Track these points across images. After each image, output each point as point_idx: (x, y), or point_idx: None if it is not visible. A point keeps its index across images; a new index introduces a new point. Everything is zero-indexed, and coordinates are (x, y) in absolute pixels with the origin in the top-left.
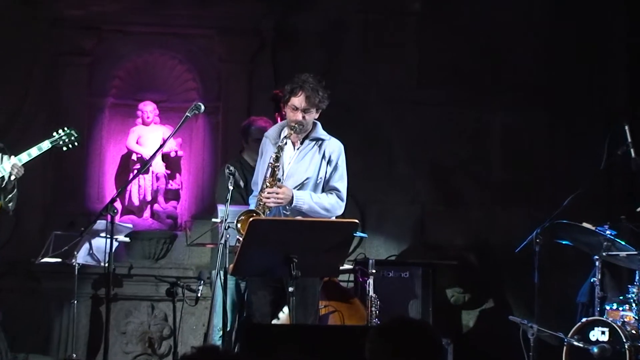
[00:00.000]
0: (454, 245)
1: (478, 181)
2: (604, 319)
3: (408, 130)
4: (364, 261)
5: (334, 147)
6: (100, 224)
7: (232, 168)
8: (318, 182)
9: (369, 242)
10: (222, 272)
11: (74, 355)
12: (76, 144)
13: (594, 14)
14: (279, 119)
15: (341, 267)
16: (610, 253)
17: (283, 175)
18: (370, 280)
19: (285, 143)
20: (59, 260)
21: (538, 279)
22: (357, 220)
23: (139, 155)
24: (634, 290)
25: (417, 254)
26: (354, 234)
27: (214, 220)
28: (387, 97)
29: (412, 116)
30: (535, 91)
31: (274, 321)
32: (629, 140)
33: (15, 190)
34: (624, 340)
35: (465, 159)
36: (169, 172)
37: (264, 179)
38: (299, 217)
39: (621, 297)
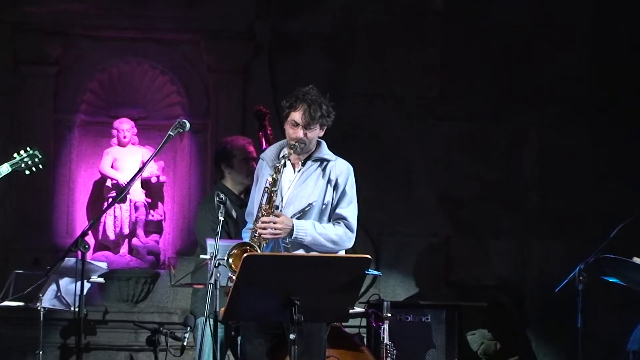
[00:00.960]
0: (483, 284)
1: (511, 209)
2: None
3: (429, 149)
4: (378, 303)
5: (341, 168)
6: (70, 261)
7: (222, 196)
8: (323, 209)
9: (384, 280)
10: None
11: None
12: (41, 166)
13: None
14: (263, 139)
15: (351, 311)
16: None
17: (282, 201)
18: (385, 326)
19: (284, 164)
20: (21, 304)
21: (581, 323)
22: (369, 256)
23: (115, 181)
24: None
25: (441, 294)
26: (366, 272)
27: (202, 256)
28: (405, 111)
29: (434, 133)
30: (577, 104)
31: None
32: None
33: None
34: None
35: (495, 183)
36: (149, 200)
37: (259, 207)
38: (301, 252)
39: None
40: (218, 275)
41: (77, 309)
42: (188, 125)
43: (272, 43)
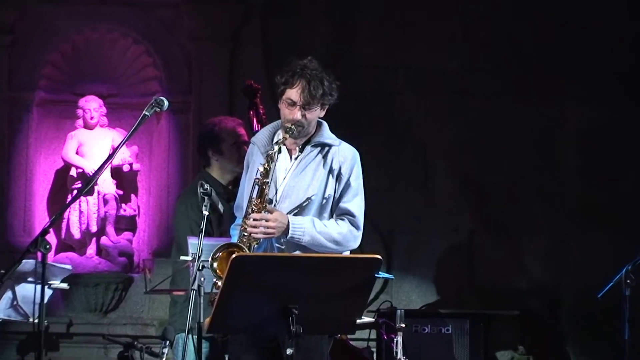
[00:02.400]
0: (513, 289)
1: (545, 200)
2: None
3: (449, 130)
4: (390, 312)
5: (345, 155)
6: (28, 264)
7: (207, 186)
8: (324, 203)
9: (397, 285)
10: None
11: None
12: None
13: None
14: (254, 119)
15: (358, 321)
16: None
17: (276, 194)
18: (399, 338)
19: (279, 151)
20: None
21: (629, 334)
22: (379, 256)
23: (80, 170)
24: None
25: (463, 301)
26: (376, 275)
27: (183, 258)
28: (420, 85)
29: (455, 111)
30: (622, 77)
31: None
32: None
33: None
34: None
35: (527, 170)
36: (121, 192)
37: (249, 201)
38: (298, 253)
39: None
40: (202, 279)
41: (36, 321)
42: (166, 103)
43: (265, 6)
